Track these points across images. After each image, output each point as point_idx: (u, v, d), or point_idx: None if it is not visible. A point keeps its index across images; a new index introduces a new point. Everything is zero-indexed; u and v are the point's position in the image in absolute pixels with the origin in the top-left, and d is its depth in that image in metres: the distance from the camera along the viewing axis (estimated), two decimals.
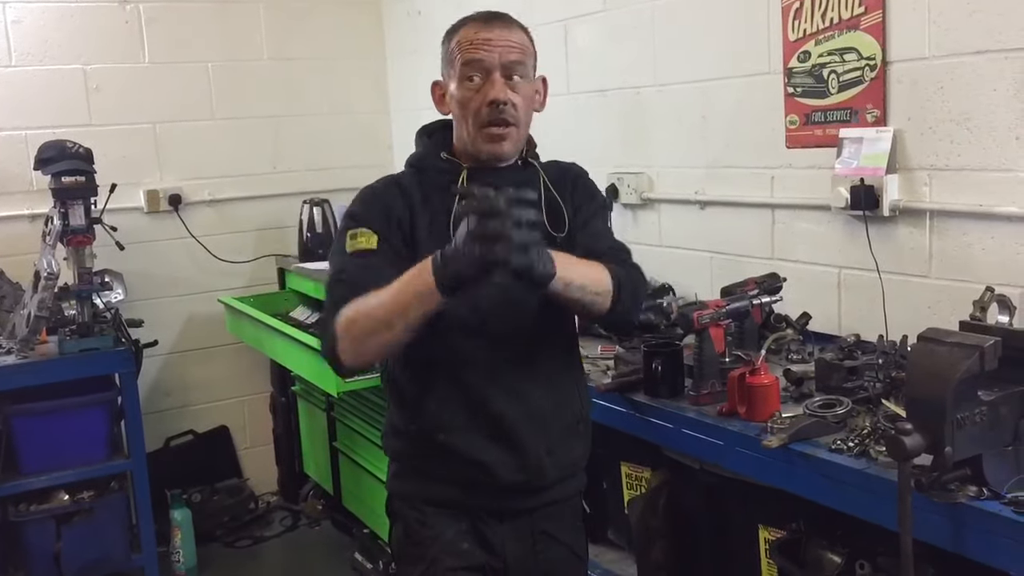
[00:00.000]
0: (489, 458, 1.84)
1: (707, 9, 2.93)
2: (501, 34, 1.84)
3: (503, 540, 1.91)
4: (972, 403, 1.57)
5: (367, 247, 1.81)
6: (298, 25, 4.57)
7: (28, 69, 3.99)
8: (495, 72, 1.82)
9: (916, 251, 2.40)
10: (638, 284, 1.92)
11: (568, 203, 1.95)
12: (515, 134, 1.86)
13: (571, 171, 2.04)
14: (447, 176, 1.87)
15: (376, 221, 1.84)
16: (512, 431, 1.84)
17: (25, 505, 3.47)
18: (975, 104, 2.23)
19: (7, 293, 3.73)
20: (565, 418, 1.93)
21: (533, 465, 1.87)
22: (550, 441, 1.89)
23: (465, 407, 1.83)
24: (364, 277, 1.75)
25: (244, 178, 4.46)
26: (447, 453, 1.85)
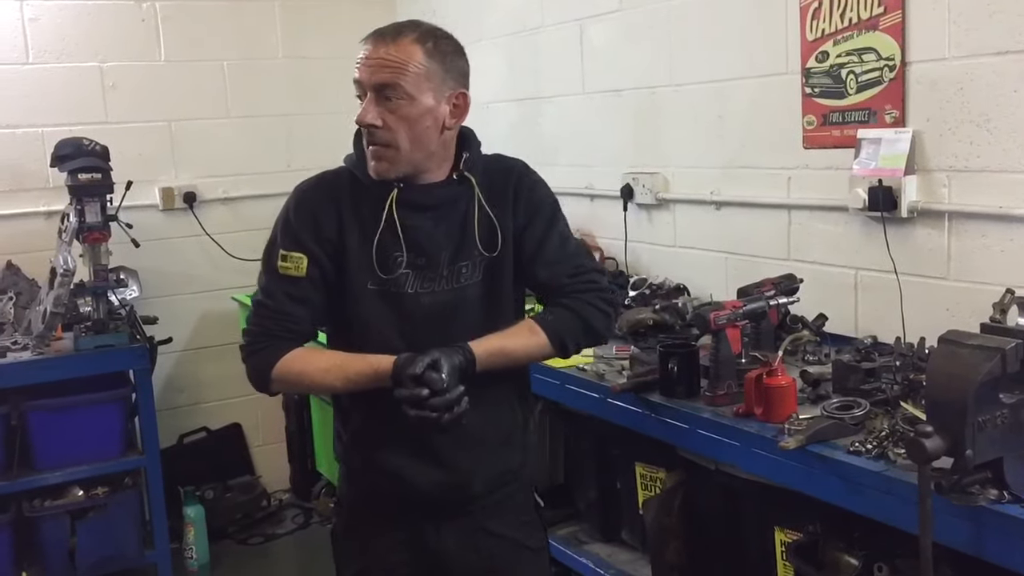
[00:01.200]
0: (413, 475, 1.87)
1: (724, 9, 2.92)
2: (379, 51, 1.78)
3: (440, 539, 1.93)
4: (993, 406, 1.56)
5: (296, 274, 1.83)
6: (313, 24, 4.58)
7: (45, 66, 4.00)
8: (370, 92, 1.79)
9: (934, 253, 2.39)
10: (588, 318, 1.90)
11: (508, 214, 1.90)
12: (394, 156, 1.79)
13: (513, 173, 1.94)
14: (379, 189, 1.83)
15: (307, 240, 1.84)
16: (436, 450, 1.85)
17: (40, 501, 3.49)
18: (995, 105, 2.22)
19: (23, 289, 3.75)
20: (497, 434, 1.93)
21: (458, 482, 1.89)
22: (478, 458, 1.89)
23: (390, 422, 1.79)
24: (290, 309, 1.83)
25: (259, 176, 4.46)
26: (373, 467, 1.90)
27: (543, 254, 1.91)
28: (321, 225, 1.84)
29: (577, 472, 2.88)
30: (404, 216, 1.82)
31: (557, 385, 2.62)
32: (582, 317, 1.90)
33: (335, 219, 1.84)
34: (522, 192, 1.93)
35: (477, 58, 4.45)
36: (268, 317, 1.84)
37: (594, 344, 2.05)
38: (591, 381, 2.51)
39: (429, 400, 1.68)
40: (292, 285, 1.83)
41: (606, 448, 2.72)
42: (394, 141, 1.78)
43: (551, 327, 1.87)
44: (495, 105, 4.09)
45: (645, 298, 2.99)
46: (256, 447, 4.62)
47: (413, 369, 1.69)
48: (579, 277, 1.93)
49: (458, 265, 1.86)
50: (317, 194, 1.89)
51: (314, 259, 1.83)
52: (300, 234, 1.85)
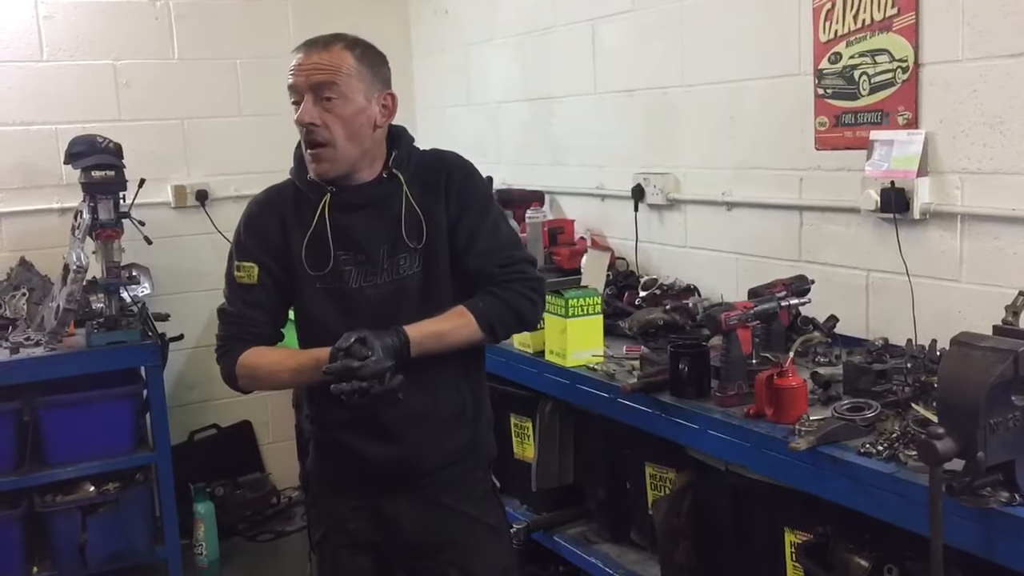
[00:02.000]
0: (366, 453, 2.02)
1: (736, 9, 2.91)
2: (312, 57, 1.95)
3: (398, 511, 2.07)
4: (1005, 408, 1.55)
5: (248, 281, 2.02)
6: (325, 23, 4.52)
7: (59, 64, 4.03)
8: (307, 94, 1.94)
9: (947, 255, 2.38)
10: (517, 308, 2.02)
11: (440, 207, 2.02)
12: (332, 155, 1.95)
13: (444, 167, 2.07)
14: (317, 195, 2.01)
15: (256, 250, 2.03)
16: (389, 427, 2.00)
17: (51, 496, 3.51)
18: (1009, 107, 2.21)
19: (36, 286, 3.77)
20: (444, 413, 2.05)
21: (408, 459, 2.04)
22: (427, 436, 2.04)
23: (345, 406, 1.89)
24: (249, 312, 2.04)
25: (270, 174, 4.33)
26: (331, 445, 2.09)
27: (474, 245, 2.03)
28: (267, 236, 2.03)
29: (587, 472, 2.89)
30: (340, 217, 1.99)
31: (567, 385, 2.63)
32: (511, 306, 2.01)
33: (279, 228, 2.03)
34: (453, 186, 2.05)
35: (488, 58, 4.51)
36: (231, 323, 2.05)
37: (522, 330, 2.27)
38: (601, 381, 2.51)
39: (357, 371, 1.79)
40: (247, 292, 2.04)
41: (616, 448, 2.72)
42: (331, 140, 1.94)
43: (480, 312, 1.98)
44: (506, 105, 4.09)
45: (656, 298, 2.99)
46: (266, 444, 4.64)
47: (341, 343, 1.82)
48: (509, 268, 2.04)
49: (396, 257, 2.00)
50: (262, 208, 2.09)
51: (264, 267, 2.02)
52: (249, 245, 2.04)
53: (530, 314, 2.07)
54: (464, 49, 4.36)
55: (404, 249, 2.00)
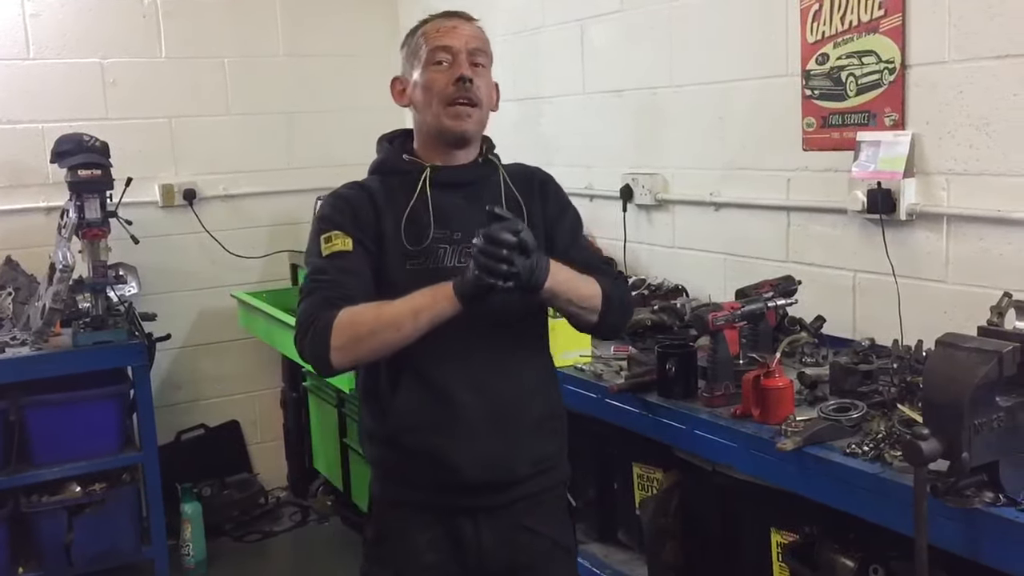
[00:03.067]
0: (458, 455, 1.85)
1: (725, 10, 2.92)
2: (466, 26, 1.95)
3: (479, 538, 1.89)
4: (990, 409, 1.56)
5: (343, 248, 1.85)
6: (314, 21, 4.58)
7: (46, 62, 4.00)
8: (462, 54, 1.91)
9: (933, 255, 2.39)
10: (627, 300, 2.01)
11: (536, 203, 1.99)
12: (478, 115, 1.93)
13: (536, 175, 2.06)
14: (410, 177, 1.92)
15: (347, 224, 1.88)
16: (480, 426, 1.85)
17: (37, 496, 3.49)
18: (994, 109, 2.22)
19: (22, 285, 3.75)
20: (532, 414, 1.92)
21: (503, 460, 1.88)
22: (517, 436, 1.89)
23: (432, 403, 1.85)
24: (344, 278, 1.83)
25: (258, 173, 4.47)
26: (415, 455, 1.87)
27: (576, 241, 2.02)
28: (358, 212, 1.90)
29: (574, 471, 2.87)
30: (437, 195, 1.90)
31: None
32: (622, 295, 1.98)
33: (370, 207, 1.90)
34: (549, 189, 2.04)
35: None
36: (324, 286, 1.82)
37: (620, 325, 2.03)
38: (589, 381, 2.51)
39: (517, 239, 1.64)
40: (341, 259, 1.85)
41: (603, 448, 2.72)
42: (479, 100, 1.91)
43: (605, 287, 1.91)
44: None
45: (644, 298, 3.00)
46: (254, 444, 4.62)
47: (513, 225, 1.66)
48: (611, 268, 2.04)
49: None
50: (351, 190, 1.96)
51: (358, 239, 1.87)
52: (339, 219, 1.89)
53: (630, 316, 2.06)
54: None
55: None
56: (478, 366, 1.87)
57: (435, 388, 1.85)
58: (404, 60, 2.01)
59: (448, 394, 1.84)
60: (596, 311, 1.90)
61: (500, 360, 1.89)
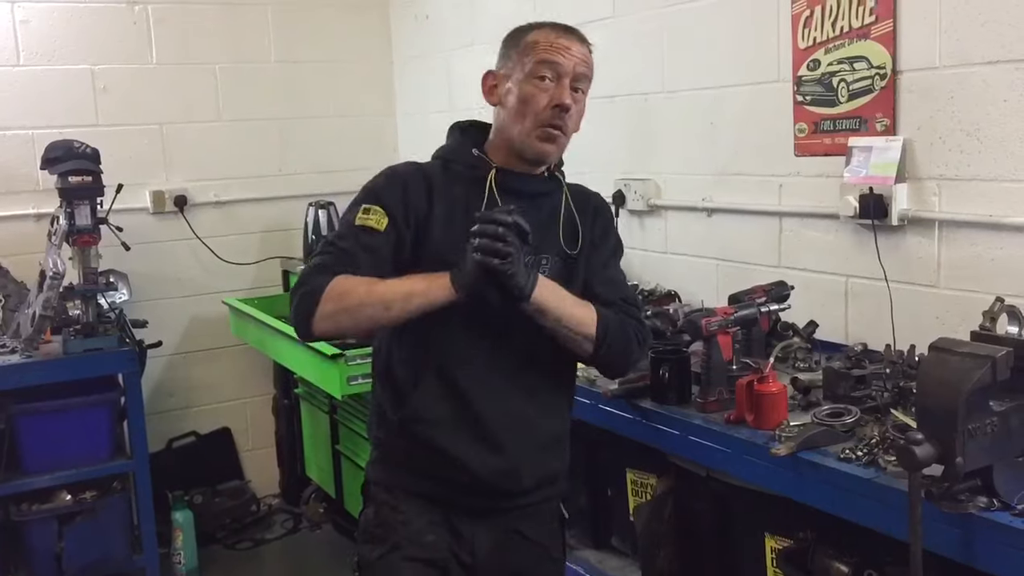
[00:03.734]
0: (468, 457, 1.86)
1: (717, 16, 2.93)
2: (579, 47, 1.90)
3: (475, 534, 1.92)
4: (984, 413, 1.56)
5: (375, 227, 1.82)
6: (306, 28, 4.58)
7: (36, 69, 3.99)
8: (566, 78, 1.86)
9: (925, 261, 2.40)
10: (631, 338, 1.93)
11: (588, 225, 1.98)
12: (563, 142, 1.90)
13: (593, 199, 2.06)
14: (475, 172, 1.90)
15: (392, 203, 1.84)
16: (494, 433, 1.86)
17: (27, 505, 3.47)
18: (985, 114, 2.23)
19: (12, 292, 3.73)
20: (547, 431, 1.94)
21: (511, 470, 1.89)
22: (530, 449, 1.91)
23: (451, 402, 1.85)
24: (361, 256, 1.80)
25: (250, 180, 4.46)
26: (427, 446, 1.87)
27: (606, 271, 2.00)
28: (410, 193, 1.85)
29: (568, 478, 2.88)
30: (499, 198, 1.86)
31: None
32: (627, 333, 1.92)
33: (425, 192, 1.86)
34: (601, 213, 2.04)
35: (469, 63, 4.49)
36: (332, 253, 1.81)
37: (619, 363, 1.98)
38: (582, 387, 2.50)
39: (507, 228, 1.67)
40: (367, 235, 1.81)
41: (597, 454, 2.71)
42: (567, 129, 1.89)
43: (602, 315, 1.89)
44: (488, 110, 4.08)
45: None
46: (245, 452, 4.61)
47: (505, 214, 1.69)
48: (630, 306, 1.99)
49: (540, 256, 1.90)
50: (408, 169, 1.92)
51: (395, 222, 1.83)
52: (386, 196, 1.85)
53: (635, 353, 1.97)
54: (445, 55, 4.35)
55: (551, 250, 1.92)
56: (501, 379, 1.87)
57: (456, 391, 1.85)
58: (504, 56, 1.96)
59: (468, 400, 1.85)
60: (590, 340, 1.87)
61: (523, 376, 1.89)
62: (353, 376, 3.08)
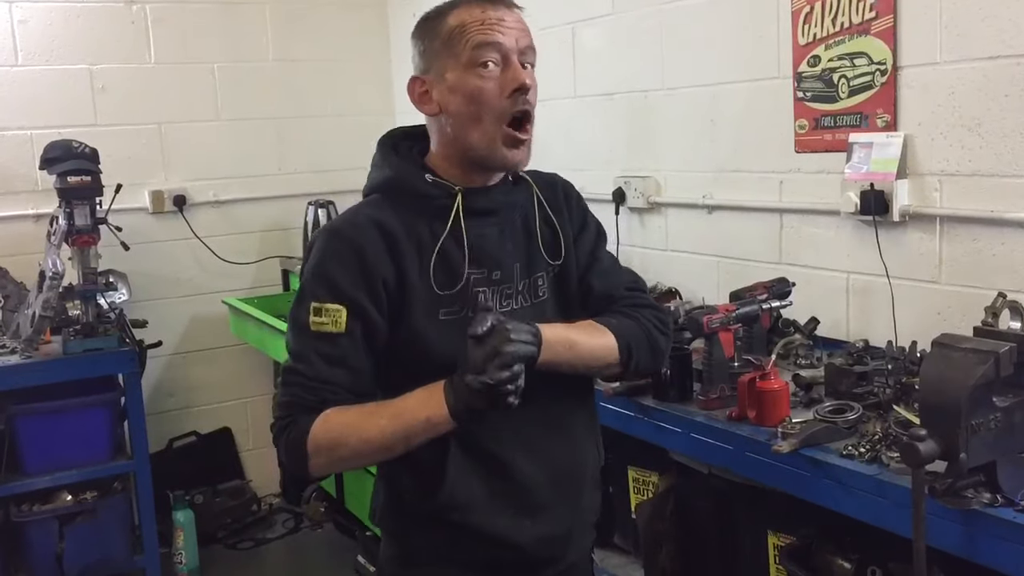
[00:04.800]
0: (515, 536, 1.61)
1: (716, 13, 2.92)
2: (513, 16, 1.58)
3: None
4: (987, 409, 1.56)
5: (333, 329, 1.52)
6: (304, 27, 4.57)
7: (34, 69, 3.98)
8: (513, 55, 1.55)
9: (926, 256, 2.39)
10: (654, 336, 1.69)
11: (564, 223, 1.71)
12: (529, 141, 1.61)
13: (558, 183, 1.78)
14: (435, 203, 1.59)
15: (347, 285, 1.53)
16: (537, 497, 1.62)
17: (28, 505, 3.47)
18: (986, 110, 2.22)
19: (11, 293, 3.72)
20: (587, 473, 1.73)
21: (560, 533, 1.67)
22: (578, 500, 1.70)
23: (486, 477, 1.59)
24: (328, 372, 1.52)
25: (249, 179, 4.45)
26: (466, 534, 1.60)
27: (598, 262, 1.75)
28: (368, 262, 1.53)
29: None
30: (469, 225, 1.58)
31: None
32: (646, 332, 1.67)
33: (385, 251, 1.55)
34: (571, 200, 1.77)
35: None
36: (299, 385, 1.53)
37: (653, 367, 1.75)
38: None
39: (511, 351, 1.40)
40: (328, 344, 1.52)
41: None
42: (533, 115, 1.59)
43: (617, 330, 1.63)
44: None
45: None
46: (246, 451, 4.60)
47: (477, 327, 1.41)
48: (637, 292, 1.75)
49: (534, 277, 1.66)
50: (354, 228, 1.57)
51: (355, 309, 1.52)
52: (337, 280, 1.53)
53: (663, 348, 1.71)
54: None
55: (541, 267, 1.66)
56: (530, 425, 1.61)
57: (490, 458, 1.59)
58: (425, 53, 1.60)
59: (503, 463, 1.60)
60: (615, 365, 1.64)
61: (551, 414, 1.64)
62: None
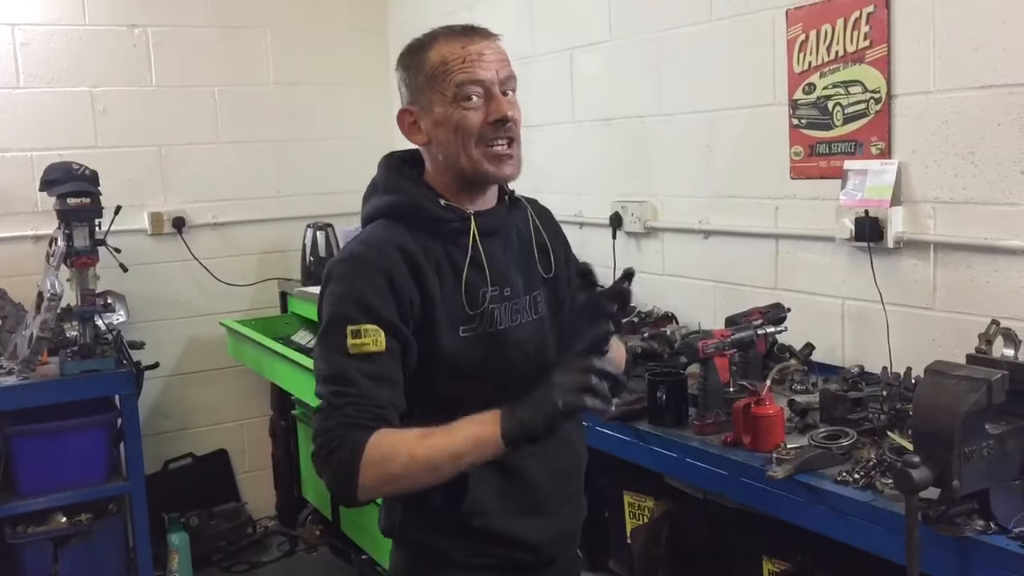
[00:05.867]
0: (532, 536, 1.70)
1: (713, 40, 2.95)
2: (493, 47, 1.66)
3: None
4: (980, 436, 1.56)
5: (375, 349, 1.54)
6: (304, 50, 4.60)
7: (36, 91, 4.01)
8: (495, 87, 1.64)
9: (920, 283, 2.40)
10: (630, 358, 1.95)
11: (551, 238, 1.83)
12: (518, 153, 1.69)
13: (545, 207, 1.92)
14: (448, 227, 1.67)
15: (381, 308, 1.57)
16: (550, 502, 1.72)
17: (23, 527, 3.46)
18: (979, 138, 2.24)
19: (9, 313, 3.73)
20: (582, 470, 1.85)
21: (568, 532, 1.79)
22: (578, 499, 1.82)
23: (504, 482, 1.66)
24: (376, 390, 1.53)
25: (248, 202, 4.47)
26: (490, 539, 1.67)
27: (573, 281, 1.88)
28: (398, 287, 1.58)
29: None
30: (483, 245, 1.68)
31: None
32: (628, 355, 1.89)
33: (410, 275, 1.60)
34: (546, 213, 1.90)
35: None
36: (350, 404, 1.51)
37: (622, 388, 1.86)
38: None
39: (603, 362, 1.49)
40: (371, 363, 1.54)
41: (594, 476, 2.69)
42: (518, 137, 1.69)
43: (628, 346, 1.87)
44: None
45: (634, 326, 3.00)
46: (242, 473, 4.59)
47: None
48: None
49: (534, 293, 1.75)
50: (382, 254, 1.61)
51: (391, 330, 1.56)
52: (370, 302, 1.56)
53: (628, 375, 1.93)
54: None
55: (538, 284, 1.76)
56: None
57: (510, 469, 1.64)
58: (412, 86, 1.69)
59: (519, 471, 1.66)
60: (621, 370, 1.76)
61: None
62: None
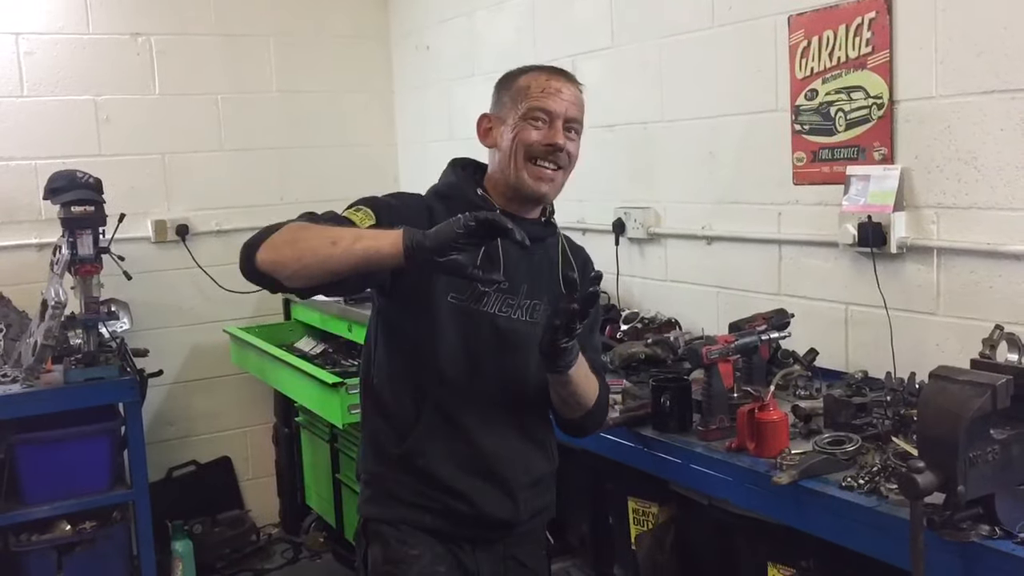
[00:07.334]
0: (473, 492, 1.92)
1: (715, 46, 2.95)
2: (571, 89, 1.95)
3: (478, 564, 1.98)
4: (985, 441, 1.56)
5: (357, 223, 1.77)
6: (307, 58, 4.62)
7: (40, 99, 4.02)
8: (559, 120, 1.91)
9: (924, 288, 2.40)
10: (605, 408, 2.08)
11: (584, 280, 1.87)
12: (559, 180, 1.95)
13: (583, 253, 2.13)
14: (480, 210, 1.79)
15: (385, 213, 1.82)
16: (496, 468, 1.94)
17: (27, 535, 3.46)
18: (982, 143, 2.25)
19: (13, 322, 3.74)
20: (541, 469, 2.04)
21: (512, 503, 1.97)
22: (527, 484, 1.99)
23: (453, 438, 1.91)
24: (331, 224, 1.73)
25: (251, 209, 4.47)
26: (429, 480, 1.91)
27: (593, 338, 2.07)
28: (409, 215, 1.82)
29: (569, 506, 2.86)
30: (504, 241, 1.81)
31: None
32: (605, 404, 2.06)
33: (426, 221, 1.80)
34: (588, 270, 2.06)
35: (469, 93, 4.52)
36: (302, 217, 1.77)
37: (585, 431, 2.08)
38: None
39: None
40: (344, 223, 1.75)
41: (598, 482, 2.71)
42: (565, 167, 1.95)
43: (599, 395, 1.99)
44: None
45: (637, 332, 3.00)
46: (245, 481, 4.60)
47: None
48: (600, 375, 2.04)
49: (534, 301, 1.96)
50: (413, 196, 1.97)
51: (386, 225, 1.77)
52: (379, 207, 1.83)
53: (601, 423, 2.10)
54: (445, 85, 4.39)
55: (543, 296, 1.97)
56: (499, 419, 1.94)
57: (459, 428, 1.91)
58: (498, 99, 2.01)
59: (470, 437, 1.91)
60: (583, 409, 1.96)
61: (517, 412, 1.97)
62: (354, 405, 3.06)
